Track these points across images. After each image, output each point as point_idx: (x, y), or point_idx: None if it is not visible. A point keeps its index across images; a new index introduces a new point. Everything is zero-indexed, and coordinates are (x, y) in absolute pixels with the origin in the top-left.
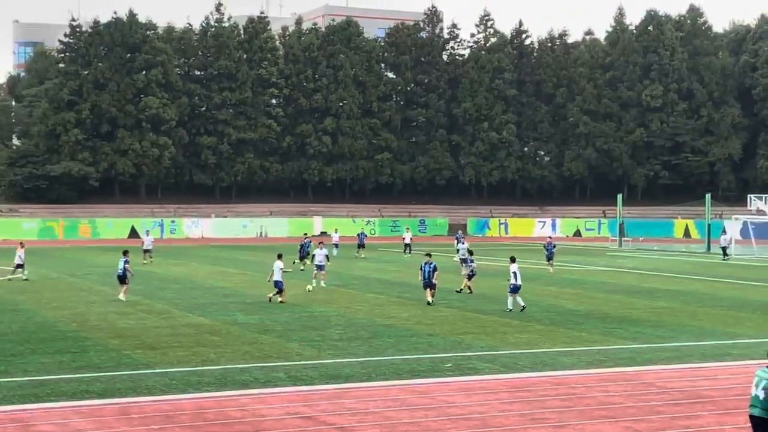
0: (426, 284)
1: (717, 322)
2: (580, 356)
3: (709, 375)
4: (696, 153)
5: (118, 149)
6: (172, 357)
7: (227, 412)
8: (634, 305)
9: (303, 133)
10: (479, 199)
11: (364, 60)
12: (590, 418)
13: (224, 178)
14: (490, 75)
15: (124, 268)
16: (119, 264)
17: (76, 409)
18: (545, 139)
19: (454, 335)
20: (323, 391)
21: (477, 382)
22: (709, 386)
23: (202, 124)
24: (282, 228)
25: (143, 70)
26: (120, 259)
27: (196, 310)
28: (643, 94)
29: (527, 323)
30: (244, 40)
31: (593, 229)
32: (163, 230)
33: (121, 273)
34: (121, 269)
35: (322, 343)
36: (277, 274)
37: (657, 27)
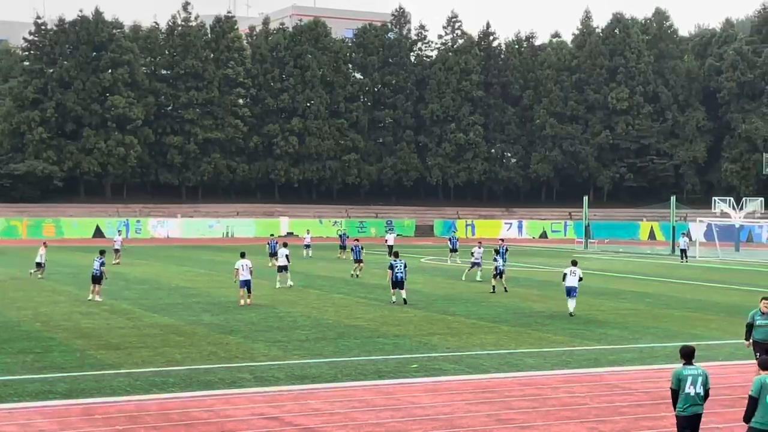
0: (396, 283)
1: (682, 323)
2: (545, 357)
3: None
4: (661, 156)
5: (83, 148)
6: (137, 357)
7: (192, 413)
8: (599, 307)
9: (270, 133)
10: (446, 200)
11: (331, 60)
12: (556, 418)
13: (190, 177)
14: (457, 76)
15: (100, 268)
16: (94, 264)
17: (40, 409)
18: (512, 141)
19: (420, 336)
20: (289, 392)
21: (443, 383)
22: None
23: (169, 123)
24: (249, 228)
25: (109, 68)
26: (95, 259)
27: (162, 311)
28: (609, 96)
29: (493, 324)
30: (211, 39)
31: (559, 231)
32: (128, 230)
33: (96, 273)
34: (96, 269)
35: (288, 343)
36: (245, 273)
37: (623, 30)
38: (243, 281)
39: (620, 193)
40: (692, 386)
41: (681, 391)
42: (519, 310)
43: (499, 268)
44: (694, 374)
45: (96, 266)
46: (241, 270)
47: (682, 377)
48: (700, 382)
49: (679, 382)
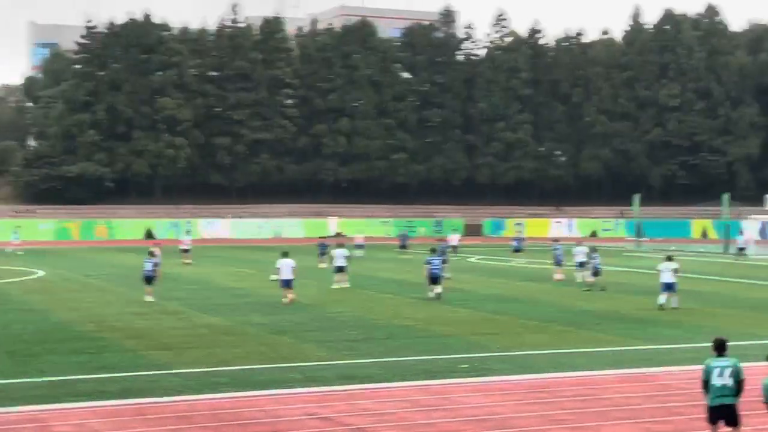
0: (433, 279)
1: (736, 322)
2: (597, 357)
3: None
4: (713, 152)
5: (133, 150)
6: (188, 357)
7: (243, 413)
8: (651, 306)
9: (318, 134)
10: (495, 199)
11: (379, 60)
12: (608, 419)
13: (239, 178)
14: (505, 75)
15: (153, 269)
16: (146, 265)
17: (93, 409)
18: (561, 139)
19: (470, 336)
20: (339, 392)
21: (493, 383)
22: None
23: (218, 124)
24: (297, 229)
25: (158, 70)
26: (146, 261)
27: (212, 311)
28: (660, 93)
29: (544, 324)
30: (260, 40)
31: (610, 230)
32: (178, 231)
33: (149, 274)
34: (149, 270)
35: (337, 343)
36: (287, 273)
37: (674, 26)
38: (285, 280)
39: (672, 191)
40: (719, 377)
41: (710, 381)
42: (569, 310)
43: (596, 266)
44: (722, 365)
45: (148, 267)
46: (283, 269)
47: (710, 368)
48: (728, 373)
49: (706, 373)
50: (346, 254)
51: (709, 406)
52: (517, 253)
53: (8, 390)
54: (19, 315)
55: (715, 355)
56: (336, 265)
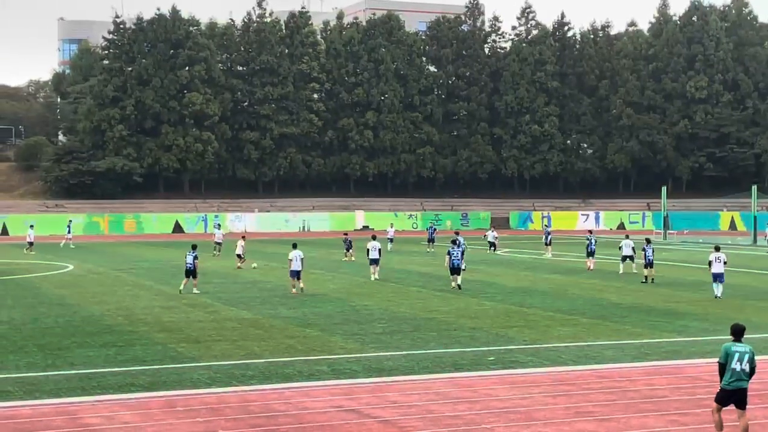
0: (453, 269)
1: (764, 315)
2: (624, 349)
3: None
4: (742, 144)
5: (161, 145)
6: (216, 350)
7: (271, 405)
8: (679, 298)
9: (344, 128)
10: (522, 192)
11: (405, 54)
12: (635, 411)
13: (267, 172)
14: (531, 67)
15: (193, 262)
16: (187, 258)
17: (123, 402)
18: (588, 132)
19: (497, 328)
20: (366, 385)
21: (520, 376)
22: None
23: (245, 119)
24: (324, 222)
25: (186, 65)
26: (188, 254)
27: (240, 304)
28: (687, 85)
29: (571, 317)
30: (286, 35)
31: (637, 222)
32: (206, 225)
33: (190, 267)
34: (189, 263)
35: (364, 336)
36: (297, 264)
37: (701, 17)
38: (293, 271)
39: (700, 183)
40: (739, 362)
41: (728, 365)
42: (596, 302)
43: (648, 258)
44: (742, 351)
45: (189, 260)
46: (294, 261)
47: (730, 353)
48: (747, 359)
49: (727, 356)
50: (380, 247)
51: (726, 389)
52: (547, 247)
53: (39, 383)
54: (49, 309)
55: (733, 340)
56: (371, 257)
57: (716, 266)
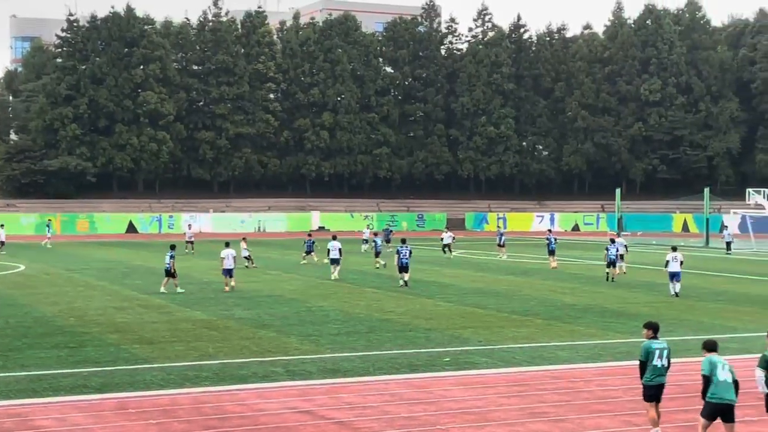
0: (402, 267)
1: (715, 316)
2: (578, 350)
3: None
4: (694, 147)
5: (115, 144)
6: (170, 352)
7: (225, 407)
8: (632, 299)
9: (300, 128)
10: (477, 193)
11: (362, 54)
12: (589, 412)
13: (222, 172)
14: (488, 69)
15: (171, 262)
16: (166, 258)
17: (75, 403)
18: (543, 134)
19: (452, 329)
20: (321, 386)
21: (475, 377)
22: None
23: (200, 118)
24: (280, 223)
25: (141, 64)
26: (166, 254)
27: (194, 305)
28: (641, 88)
29: (525, 318)
30: (242, 34)
31: (592, 224)
32: (161, 225)
33: (168, 267)
34: (167, 263)
35: (320, 337)
36: (229, 262)
37: (655, 21)
38: (226, 270)
39: (653, 185)
40: (659, 359)
41: (649, 362)
42: (551, 304)
43: (611, 257)
44: (661, 348)
45: (167, 260)
46: (226, 259)
47: (651, 350)
48: (666, 355)
49: (648, 354)
50: (340, 246)
51: (648, 385)
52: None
53: None
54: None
55: (651, 338)
56: (331, 257)
57: (673, 265)
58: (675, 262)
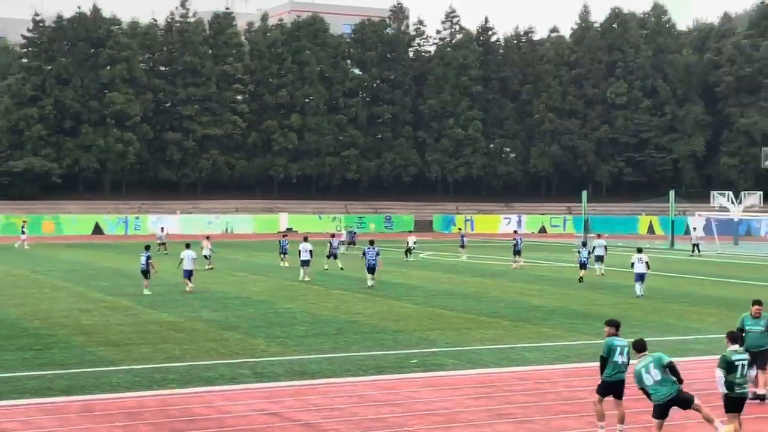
0: (369, 269)
1: (680, 317)
2: (545, 352)
3: None
4: (660, 150)
5: (81, 145)
6: (136, 354)
7: (192, 409)
8: (598, 301)
9: (268, 129)
10: (445, 195)
11: (330, 56)
12: (555, 413)
13: (189, 174)
14: (455, 72)
15: (147, 262)
16: (141, 259)
17: (40, 406)
18: (511, 136)
19: (419, 331)
20: (288, 388)
21: (442, 378)
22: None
23: (167, 119)
24: (247, 224)
25: (107, 65)
26: (141, 254)
27: (161, 307)
28: (607, 91)
29: (493, 319)
30: (209, 35)
31: (558, 226)
32: (127, 227)
33: (144, 267)
34: (143, 264)
35: (287, 339)
36: (188, 263)
37: (621, 25)
38: (186, 271)
39: (619, 188)
40: (620, 356)
41: (610, 359)
42: (518, 305)
43: (582, 260)
44: (622, 345)
45: (143, 261)
46: (185, 260)
47: (612, 347)
48: (626, 352)
49: (609, 351)
50: (311, 248)
51: (607, 381)
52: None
53: None
54: None
55: (613, 335)
56: (302, 258)
57: (639, 267)
58: (640, 263)
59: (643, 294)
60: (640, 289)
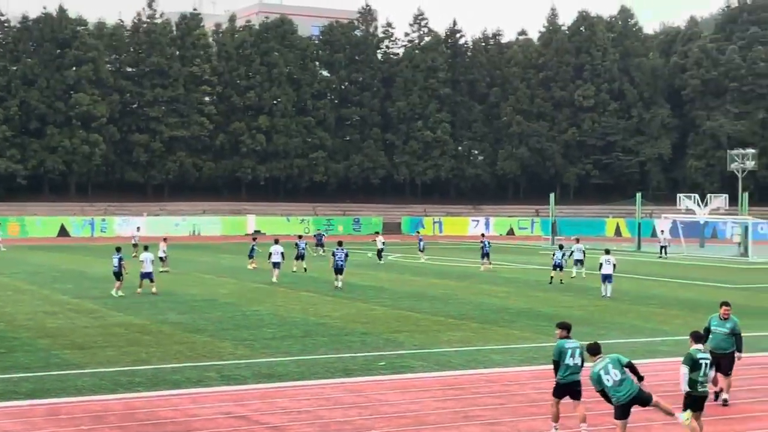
0: (337, 270)
1: (647, 319)
2: (512, 354)
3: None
4: (627, 152)
5: (47, 146)
6: (102, 357)
7: (159, 412)
8: (565, 303)
9: (236, 131)
10: (413, 197)
11: (298, 58)
12: (523, 414)
13: (156, 176)
14: (424, 74)
15: (119, 264)
16: (113, 261)
17: (4, 410)
18: (479, 138)
19: (387, 333)
20: (256, 390)
21: (410, 380)
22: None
23: (134, 121)
24: (215, 227)
25: (73, 66)
26: (113, 256)
27: (127, 310)
28: (575, 94)
29: (460, 322)
30: (177, 36)
31: (526, 228)
32: (93, 229)
33: (116, 269)
34: (116, 266)
35: (255, 342)
36: (147, 266)
37: (589, 28)
38: (144, 273)
39: (586, 190)
40: (572, 357)
41: (562, 361)
42: (485, 307)
43: (557, 261)
44: (574, 347)
45: (115, 263)
46: (145, 263)
47: (563, 350)
48: (578, 353)
49: (560, 354)
50: (282, 250)
51: (561, 383)
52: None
53: None
54: None
55: (564, 337)
56: (273, 260)
57: (606, 268)
58: (608, 264)
59: (609, 295)
60: (605, 290)
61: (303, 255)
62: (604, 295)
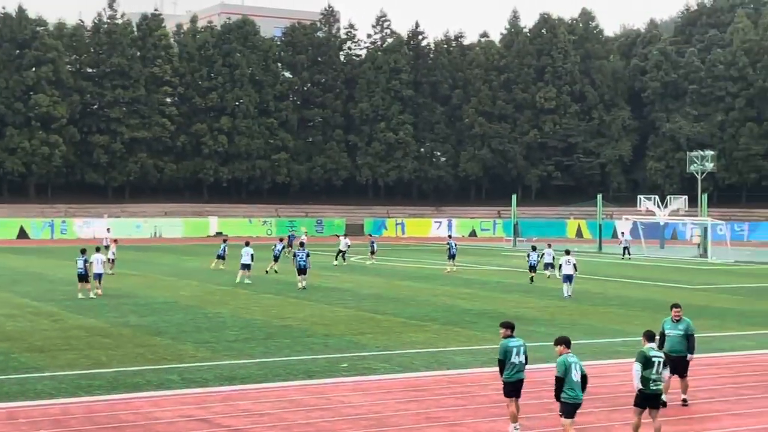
0: (300, 270)
1: (607, 320)
2: (474, 355)
3: (599, 372)
4: (588, 154)
5: (6, 147)
6: (62, 360)
7: (119, 416)
8: (527, 304)
9: (198, 132)
10: (376, 199)
11: (260, 59)
12: (485, 416)
13: (117, 177)
14: (386, 75)
15: (84, 266)
16: (78, 263)
17: None
18: (441, 140)
19: (350, 335)
20: (218, 393)
21: (373, 382)
22: (599, 383)
23: (94, 122)
24: (177, 228)
25: (33, 66)
26: (78, 259)
27: (88, 312)
28: (536, 96)
29: (423, 323)
30: (138, 37)
31: (488, 230)
32: (53, 231)
33: (81, 272)
34: (80, 268)
35: (216, 344)
36: (97, 267)
37: (550, 30)
38: (96, 274)
39: (548, 192)
40: (517, 356)
41: (508, 360)
42: (448, 309)
43: (531, 262)
44: (518, 345)
45: (80, 265)
46: (95, 263)
47: (508, 349)
48: (523, 351)
49: (506, 353)
50: (252, 252)
51: (509, 382)
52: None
53: None
54: None
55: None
56: (243, 262)
57: (566, 268)
58: (568, 265)
59: (570, 295)
60: (566, 290)
61: (278, 257)
62: (566, 296)
